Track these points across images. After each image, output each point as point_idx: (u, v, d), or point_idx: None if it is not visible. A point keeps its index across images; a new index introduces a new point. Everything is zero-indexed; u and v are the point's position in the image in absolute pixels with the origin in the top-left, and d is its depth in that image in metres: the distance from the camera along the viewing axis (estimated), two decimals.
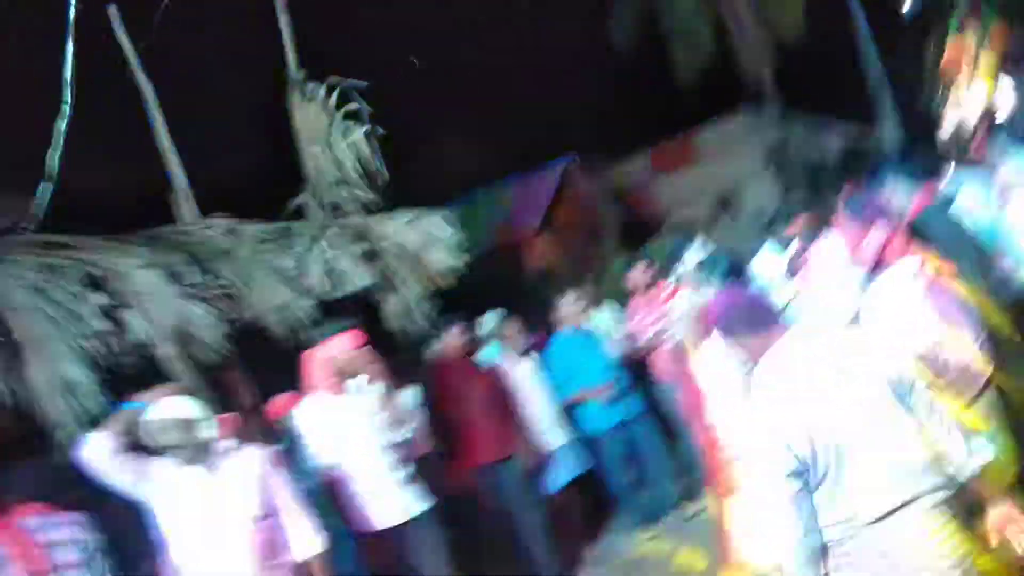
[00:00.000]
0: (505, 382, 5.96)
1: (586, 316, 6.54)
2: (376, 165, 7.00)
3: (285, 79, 7.30)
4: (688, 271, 5.09)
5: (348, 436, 4.55)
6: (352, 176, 6.92)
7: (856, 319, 3.44)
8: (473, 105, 16.19)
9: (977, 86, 12.49)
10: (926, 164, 4.11)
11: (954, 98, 12.88)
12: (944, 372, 2.90)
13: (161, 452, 3.56)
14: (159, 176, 7.22)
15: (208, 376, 5.28)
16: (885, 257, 3.11)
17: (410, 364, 6.39)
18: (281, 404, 4.85)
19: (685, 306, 4.97)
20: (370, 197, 7.01)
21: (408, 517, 4.60)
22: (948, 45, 13.22)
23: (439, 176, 12.15)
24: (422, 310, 6.67)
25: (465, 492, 5.50)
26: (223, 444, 3.71)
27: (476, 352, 6.10)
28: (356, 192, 6.96)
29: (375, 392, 4.63)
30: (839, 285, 5.09)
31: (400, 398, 5.23)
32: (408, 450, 4.81)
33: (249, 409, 5.02)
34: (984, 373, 3.10)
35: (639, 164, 17.44)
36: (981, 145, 4.54)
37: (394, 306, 6.61)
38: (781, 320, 2.61)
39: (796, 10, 14.63)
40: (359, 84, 7.04)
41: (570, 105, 17.07)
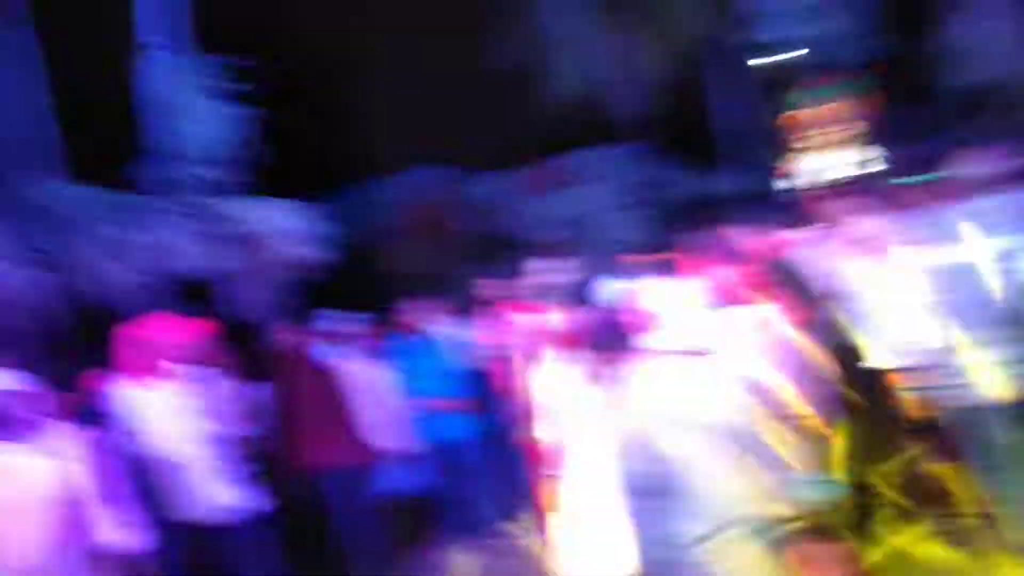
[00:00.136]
0: (344, 384, 5.87)
1: (434, 325, 6.54)
2: (243, 148, 6.74)
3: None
4: (539, 290, 5.22)
5: (169, 424, 4.36)
6: (216, 155, 6.64)
7: (700, 353, 3.63)
8: (348, 105, 16.01)
9: (821, 150, 13.50)
10: (771, 215, 4.38)
11: (800, 158, 13.86)
12: (777, 412, 3.08)
13: None
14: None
15: (34, 347, 4.95)
16: (735, 297, 3.30)
17: (250, 356, 6.23)
18: (104, 382, 4.59)
19: (529, 323, 5.09)
20: (231, 179, 6.75)
21: (233, 514, 4.47)
22: (803, 112, 14.22)
23: (305, 170, 11.89)
24: (270, 301, 6.47)
25: (296, 494, 5.39)
26: (37, 420, 3.50)
27: (319, 350, 6.00)
28: (217, 172, 6.69)
29: (203, 380, 4.47)
30: (686, 319, 5.39)
31: (232, 390, 5.07)
32: (236, 445, 4.67)
33: (73, 385, 4.72)
34: (820, 413, 3.35)
35: (503, 182, 17.71)
36: (824, 205, 4.86)
37: (242, 293, 6.38)
38: (636, 343, 2.69)
39: (667, 54, 15.25)
40: (243, 64, 6.78)
41: (444, 116, 17.15)
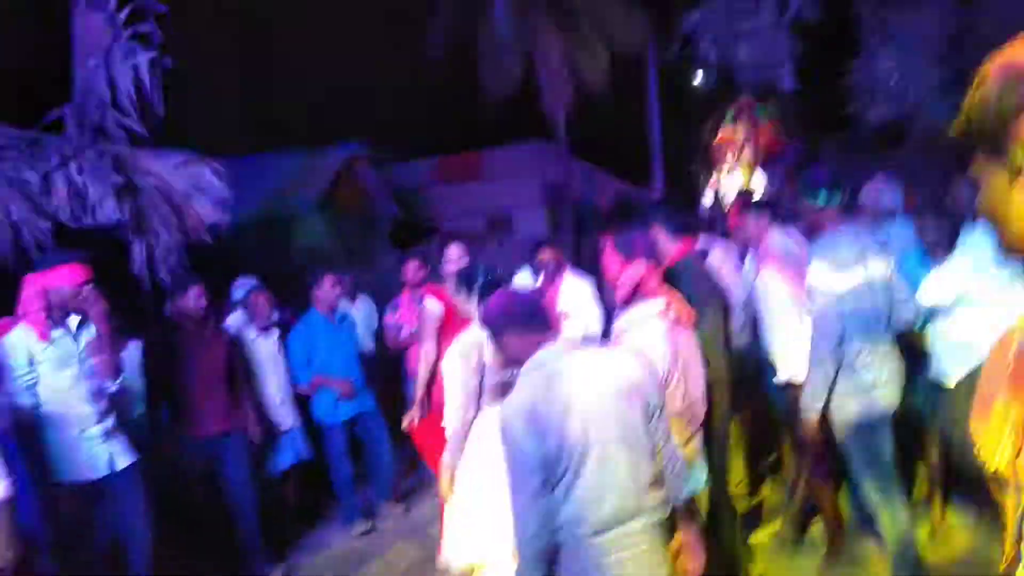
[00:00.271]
0: (241, 354, 5.74)
1: (342, 302, 6.46)
2: (154, 96, 6.46)
3: None
4: (453, 277, 5.21)
5: (51, 376, 4.18)
6: (124, 101, 6.35)
7: (605, 344, 3.68)
8: (277, 71, 15.66)
9: (738, 170, 13.93)
10: (686, 223, 4.48)
11: (717, 175, 14.29)
12: (672, 405, 3.14)
13: None
14: None
15: None
16: (637, 293, 3.35)
17: (144, 315, 6.02)
18: None
19: (434, 308, 5.09)
20: (139, 129, 6.47)
21: (108, 471, 4.32)
22: (721, 130, 14.64)
23: (223, 129, 11.54)
24: (172, 260, 6.25)
25: (184, 458, 5.24)
26: None
27: (218, 318, 5.83)
28: (125, 119, 6.40)
29: (90, 335, 4.30)
30: (593, 313, 5.49)
31: (119, 346, 4.89)
32: (117, 402, 4.50)
33: None
34: (702, 412, 3.44)
35: (425, 169, 17.64)
36: (734, 220, 5.01)
37: (142, 250, 6.14)
38: (551, 326, 2.69)
39: (600, 63, 15.42)
40: (157, 7, 6.50)
41: (371, 98, 16.98)
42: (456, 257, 5.43)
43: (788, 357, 4.23)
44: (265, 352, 5.98)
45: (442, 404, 4.31)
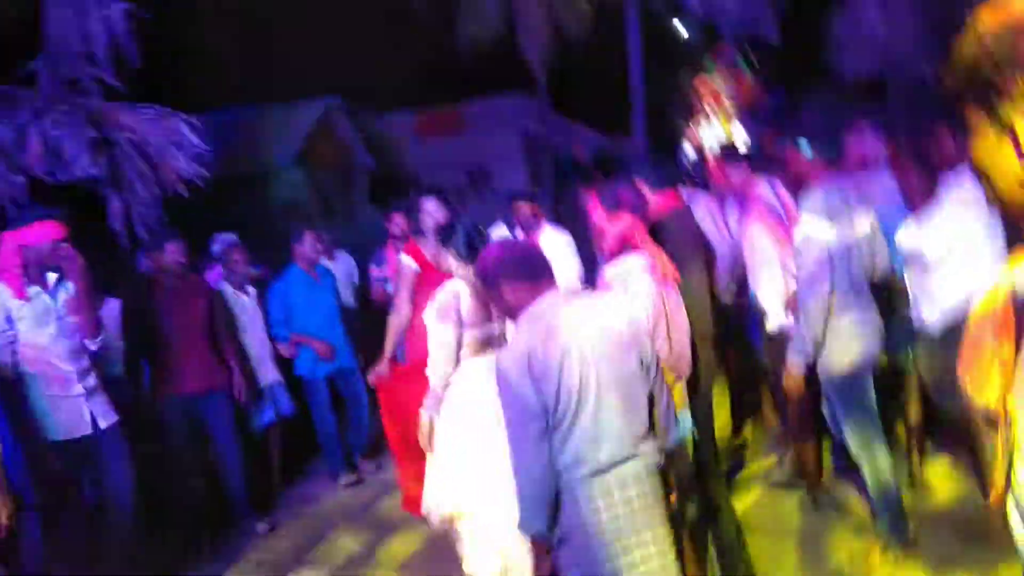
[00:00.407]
0: (222, 309, 5.69)
1: (322, 258, 6.42)
2: (129, 49, 6.30)
3: None
4: (428, 230, 5.18)
5: (29, 333, 4.12)
6: (98, 53, 6.19)
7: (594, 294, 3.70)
8: (253, 24, 15.33)
9: (718, 121, 13.91)
10: (668, 175, 4.46)
11: (697, 127, 14.27)
12: (661, 355, 3.17)
13: None
14: None
15: None
16: (623, 247, 3.35)
17: (122, 271, 5.96)
18: None
19: (409, 264, 5.06)
20: (114, 82, 6.32)
21: (91, 430, 4.29)
22: (701, 81, 14.58)
23: (199, 83, 11.31)
24: (150, 215, 6.16)
25: (167, 416, 5.23)
26: None
27: (198, 273, 5.78)
28: (99, 72, 6.25)
29: (68, 292, 4.24)
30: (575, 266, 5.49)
31: (98, 303, 4.83)
32: (98, 360, 4.46)
33: None
34: (687, 365, 3.48)
35: (404, 122, 17.46)
36: (717, 172, 5.00)
37: (119, 204, 6.05)
38: (547, 276, 2.68)
39: (581, 13, 15.26)
40: None
41: (349, 50, 16.69)
42: (432, 211, 5.37)
43: (774, 308, 4.26)
44: (245, 308, 5.95)
45: (416, 359, 4.33)
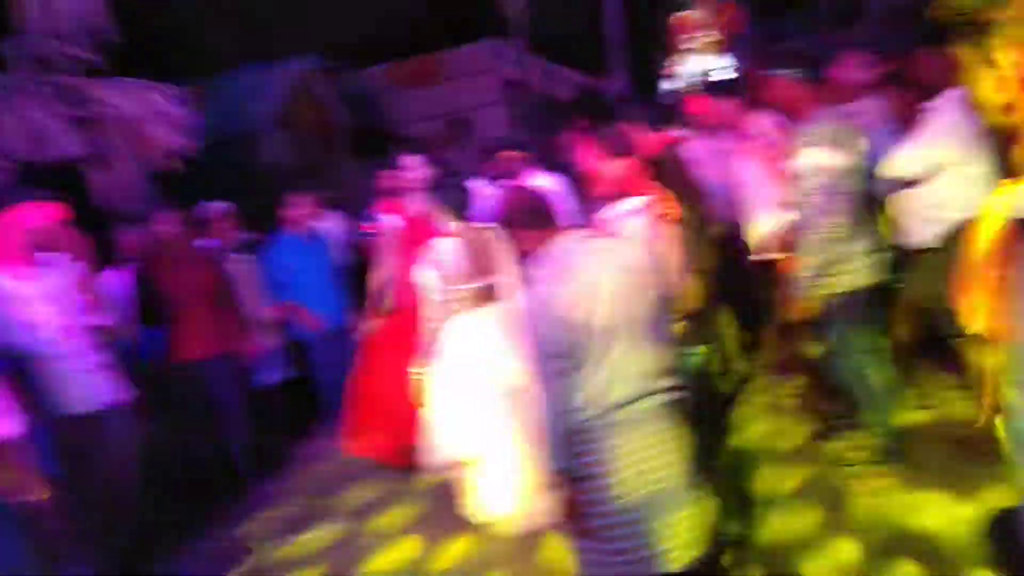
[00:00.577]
0: (222, 275, 5.74)
1: (314, 219, 6.43)
2: (102, 22, 6.20)
3: None
4: (410, 185, 5.23)
5: (38, 314, 4.19)
6: (71, 30, 6.09)
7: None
8: None
9: (701, 54, 13.75)
10: (660, 114, 4.47)
11: (679, 60, 14.10)
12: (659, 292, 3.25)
13: None
14: None
15: None
16: (621, 189, 3.39)
17: (120, 245, 5.95)
18: None
19: (390, 222, 5.11)
20: (90, 58, 6.24)
21: (102, 405, 4.37)
22: (682, 15, 14.37)
23: (176, 51, 11.13)
24: (139, 188, 6.14)
25: (172, 383, 5.30)
26: None
27: (195, 241, 5.80)
28: (74, 49, 6.15)
29: (71, 270, 4.29)
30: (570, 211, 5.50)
31: (100, 279, 4.89)
32: (106, 335, 4.54)
33: None
34: (685, 303, 3.54)
35: (380, 75, 17.25)
36: (705, 105, 4.99)
37: (106, 180, 6.02)
38: (559, 218, 2.75)
39: None
40: None
41: (322, 6, 16.41)
42: (413, 165, 5.40)
43: (770, 242, 4.29)
44: (242, 273, 5.98)
45: (402, 313, 4.41)
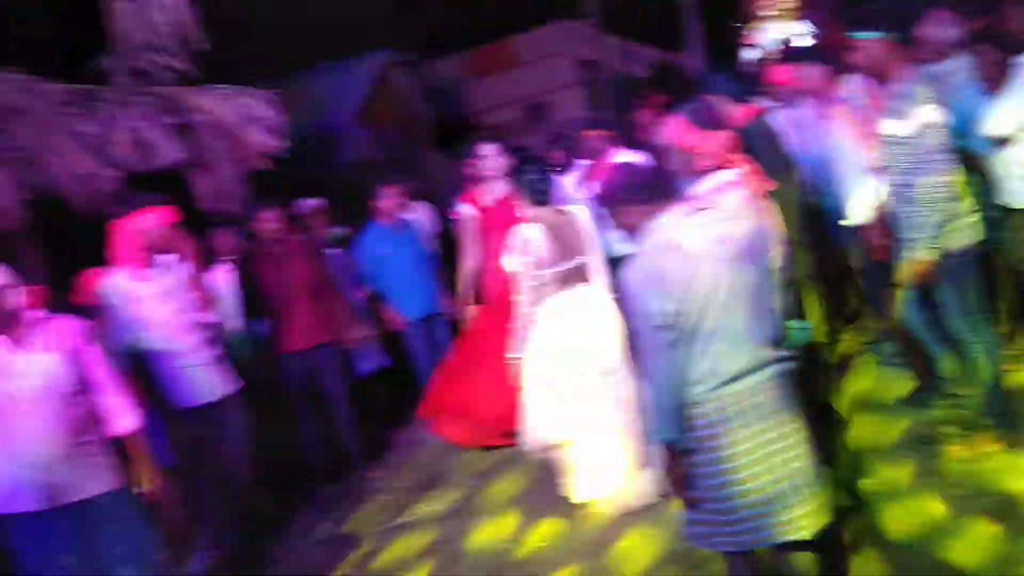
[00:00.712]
0: (324, 267, 5.92)
1: (402, 210, 6.55)
2: (193, 32, 6.46)
3: None
4: (489, 172, 5.32)
5: (155, 313, 4.44)
6: (165, 41, 6.37)
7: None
8: None
9: (780, 21, 13.42)
10: (746, 87, 4.41)
11: (758, 29, 13.78)
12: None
13: None
14: None
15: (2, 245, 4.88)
16: (714, 163, 3.38)
17: (224, 245, 6.20)
18: (91, 278, 4.62)
19: (467, 212, 5.21)
20: (184, 67, 6.51)
21: (214, 398, 4.60)
22: None
23: (259, 55, 11.45)
24: (236, 189, 6.40)
25: (280, 376, 5.51)
26: (31, 315, 3.49)
27: (295, 236, 6.01)
28: (168, 59, 6.43)
29: (183, 270, 4.55)
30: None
31: (209, 278, 5.15)
32: (216, 331, 4.78)
33: (51, 281, 4.72)
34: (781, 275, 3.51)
35: (455, 66, 17.38)
36: (788, 74, 4.87)
37: (206, 184, 6.29)
38: (669, 193, 2.76)
39: None
40: None
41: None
42: (490, 154, 5.46)
43: (862, 206, 4.20)
44: (337, 266, 6.15)
45: (493, 299, 4.48)
